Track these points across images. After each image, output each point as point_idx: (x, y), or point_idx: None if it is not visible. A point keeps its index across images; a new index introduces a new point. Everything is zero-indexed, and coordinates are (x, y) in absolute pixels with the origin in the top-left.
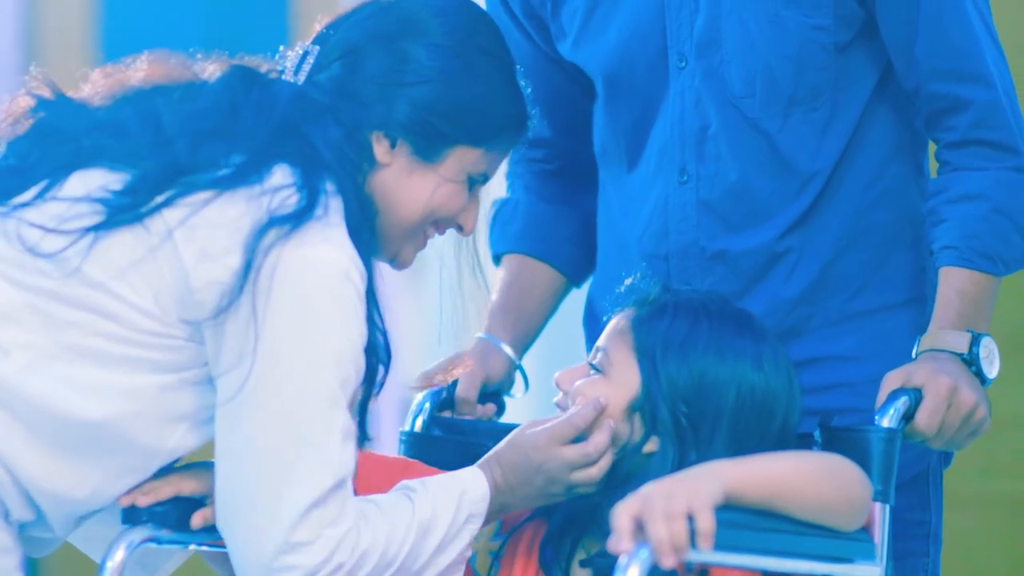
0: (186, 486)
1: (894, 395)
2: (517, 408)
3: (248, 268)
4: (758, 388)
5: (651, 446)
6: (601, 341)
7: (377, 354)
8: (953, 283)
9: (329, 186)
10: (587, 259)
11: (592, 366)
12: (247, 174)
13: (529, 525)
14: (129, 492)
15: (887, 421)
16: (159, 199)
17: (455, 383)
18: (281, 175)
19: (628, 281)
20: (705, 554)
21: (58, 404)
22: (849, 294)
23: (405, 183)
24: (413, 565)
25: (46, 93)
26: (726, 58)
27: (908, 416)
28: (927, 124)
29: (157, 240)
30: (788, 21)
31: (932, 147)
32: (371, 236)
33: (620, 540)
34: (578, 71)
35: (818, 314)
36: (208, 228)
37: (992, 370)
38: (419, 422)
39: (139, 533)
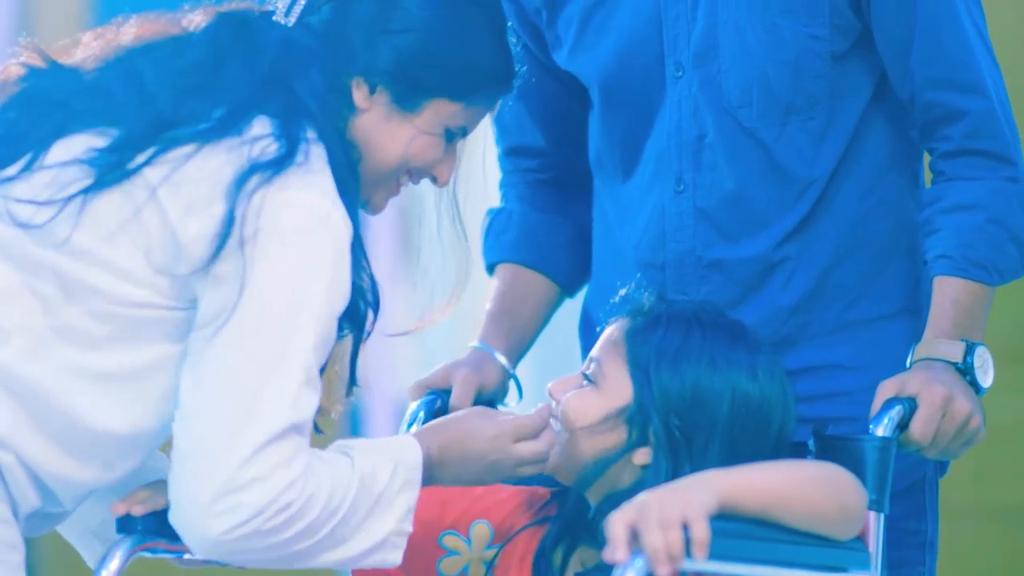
0: None
1: (888, 404)
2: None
3: (232, 215)
4: (753, 398)
5: (643, 458)
6: (595, 352)
7: (364, 298)
8: (948, 292)
9: (310, 134)
10: (581, 269)
11: (585, 376)
12: (228, 126)
13: (523, 535)
14: (124, 500)
15: (882, 430)
16: (142, 157)
17: (449, 391)
18: (260, 126)
19: (623, 291)
20: (700, 563)
21: (58, 391)
22: (845, 303)
23: (382, 130)
24: (352, 518)
25: (37, 61)
26: (723, 67)
27: (903, 425)
28: (922, 134)
29: (142, 199)
30: (785, 30)
31: (927, 157)
32: (356, 181)
33: (615, 549)
34: (573, 80)
35: (814, 323)
36: (191, 183)
37: (986, 379)
38: (413, 430)
39: (133, 542)
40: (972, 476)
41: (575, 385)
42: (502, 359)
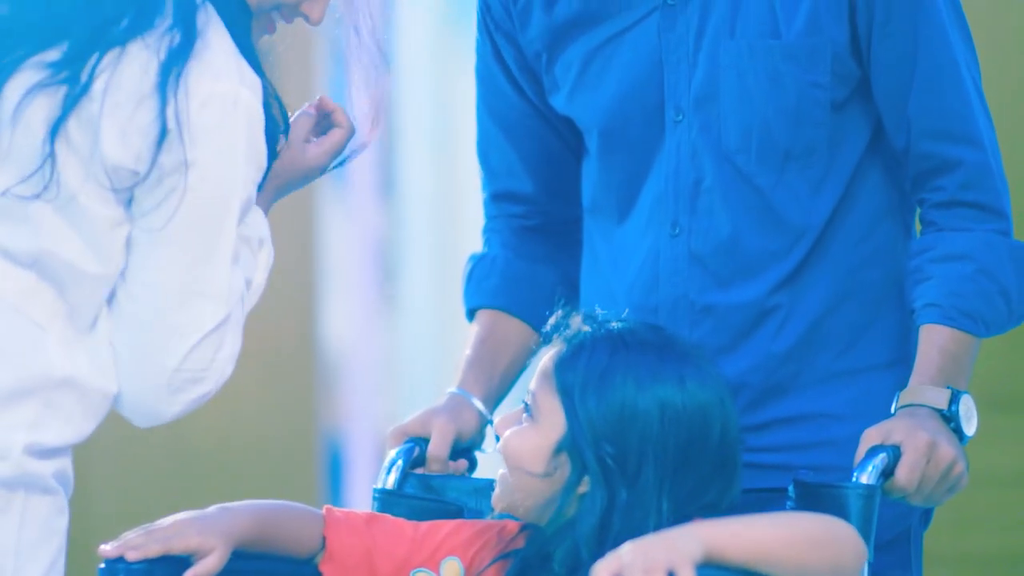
0: (176, 545)
1: (873, 452)
2: (489, 463)
3: (161, 115)
4: (685, 408)
5: (584, 487)
6: (531, 383)
7: (275, 121)
8: (935, 340)
9: (203, 12)
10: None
11: (526, 409)
12: (139, 25)
13: (491, 570)
14: (115, 544)
15: (866, 477)
16: (88, 66)
17: (427, 440)
18: (162, 18)
19: (552, 319)
20: None
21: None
22: (837, 352)
23: None
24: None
25: None
26: (723, 112)
27: (887, 473)
28: (914, 184)
29: (97, 111)
30: (786, 76)
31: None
32: (248, 30)
33: None
34: (568, 128)
35: (806, 371)
36: (120, 91)
37: (970, 428)
38: (391, 479)
39: None
40: (950, 525)
41: (516, 420)
42: (479, 405)
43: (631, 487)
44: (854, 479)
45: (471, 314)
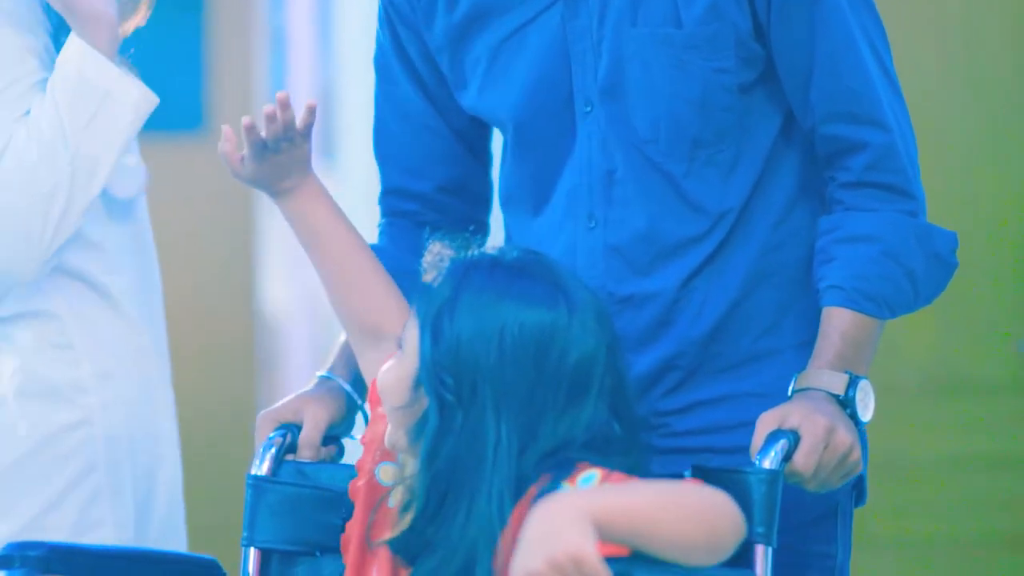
0: None
1: (774, 436)
2: (357, 450)
3: None
4: (525, 330)
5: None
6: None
7: None
8: (836, 323)
9: None
10: None
11: (399, 345)
12: None
13: None
14: None
15: (768, 462)
16: None
17: (299, 426)
18: None
19: (430, 252)
20: None
21: None
22: (758, 333)
23: None
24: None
25: None
26: (630, 102)
27: (787, 457)
28: (823, 163)
29: None
30: (690, 65)
31: None
32: None
33: None
34: (470, 126)
35: (727, 353)
36: None
37: (867, 414)
38: (266, 466)
39: None
40: (892, 509)
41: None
42: (349, 390)
43: (466, 413)
44: (757, 464)
45: None
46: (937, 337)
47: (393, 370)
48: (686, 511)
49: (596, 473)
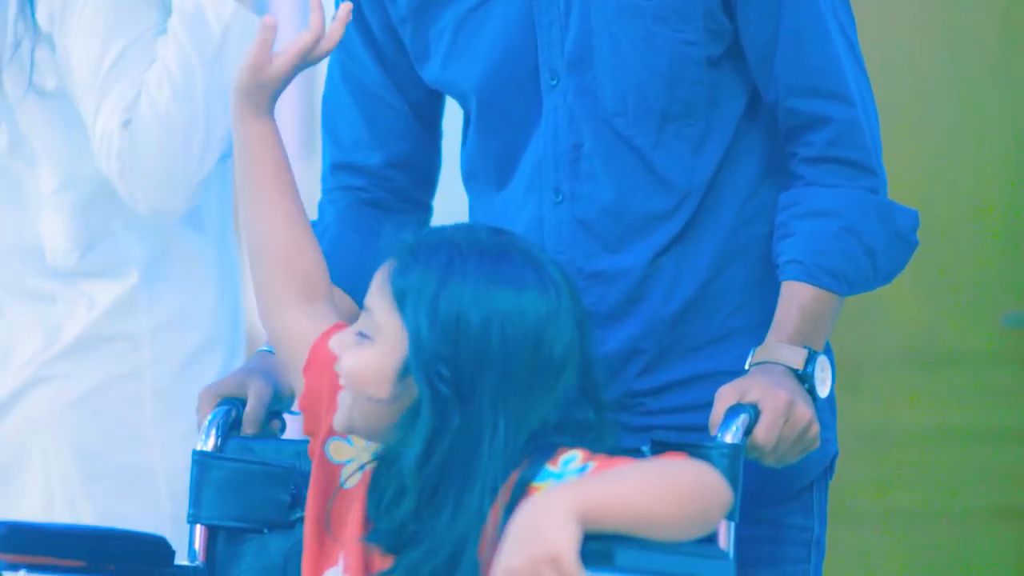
0: None
1: (734, 411)
2: (297, 425)
3: None
4: (523, 319)
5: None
6: (367, 300)
7: None
8: (795, 298)
9: None
10: None
11: (360, 333)
12: None
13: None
14: None
15: (730, 437)
16: None
17: (242, 400)
18: None
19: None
20: None
21: None
22: (729, 311)
23: None
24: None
25: None
26: (598, 75)
27: (748, 431)
28: (785, 138)
29: None
30: (658, 37)
31: None
32: None
33: None
34: (428, 103)
35: (699, 331)
36: None
37: (824, 389)
38: (211, 442)
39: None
40: (874, 482)
41: (352, 344)
42: None
43: (464, 410)
44: (718, 438)
45: None
46: (922, 309)
47: (368, 359)
48: (676, 493)
49: (577, 454)
